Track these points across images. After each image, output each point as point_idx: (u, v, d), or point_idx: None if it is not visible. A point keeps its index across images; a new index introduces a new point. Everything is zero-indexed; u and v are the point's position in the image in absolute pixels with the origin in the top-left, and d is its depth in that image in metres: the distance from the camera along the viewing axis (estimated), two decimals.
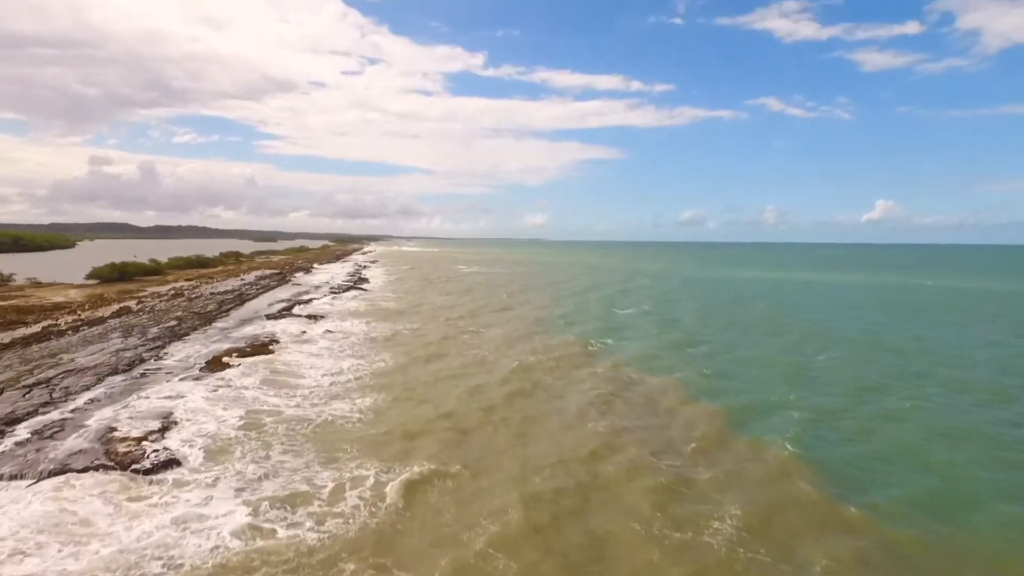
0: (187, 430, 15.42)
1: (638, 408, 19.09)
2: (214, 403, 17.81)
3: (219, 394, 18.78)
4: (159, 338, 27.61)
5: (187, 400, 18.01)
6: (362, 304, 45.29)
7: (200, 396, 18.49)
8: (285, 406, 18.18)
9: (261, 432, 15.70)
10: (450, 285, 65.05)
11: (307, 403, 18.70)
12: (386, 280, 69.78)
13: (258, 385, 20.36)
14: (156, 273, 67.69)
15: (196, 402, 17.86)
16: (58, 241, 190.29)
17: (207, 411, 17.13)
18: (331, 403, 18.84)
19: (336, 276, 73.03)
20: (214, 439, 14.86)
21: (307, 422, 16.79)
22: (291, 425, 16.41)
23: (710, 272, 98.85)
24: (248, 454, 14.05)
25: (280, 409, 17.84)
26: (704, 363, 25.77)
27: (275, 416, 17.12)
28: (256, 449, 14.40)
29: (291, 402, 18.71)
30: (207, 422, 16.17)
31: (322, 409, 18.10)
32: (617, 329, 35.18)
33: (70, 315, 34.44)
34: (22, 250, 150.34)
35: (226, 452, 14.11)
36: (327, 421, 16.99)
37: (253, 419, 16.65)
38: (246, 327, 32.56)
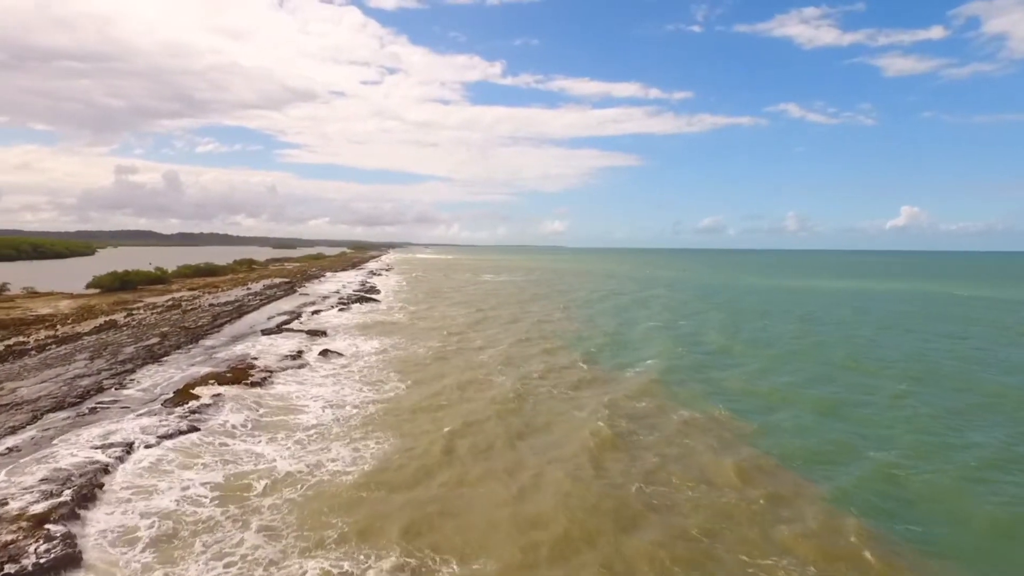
0: (114, 504, 11.74)
1: (659, 458, 15.04)
2: (163, 457, 14.13)
3: (175, 443, 15.09)
4: (132, 359, 24.14)
5: (130, 450, 14.36)
6: (369, 317, 41.69)
7: (149, 441, 14.84)
8: (260, 458, 14.46)
9: (225, 502, 11.97)
10: (462, 295, 61.29)
11: (287, 452, 14.96)
12: (397, 289, 66.24)
13: (229, 426, 16.70)
14: (160, 282, 64.89)
15: (141, 454, 14.20)
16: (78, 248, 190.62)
17: (152, 467, 13.46)
18: (316, 451, 15.06)
19: (347, 285, 69.73)
20: (153, 520, 11.15)
21: (290, 482, 13.05)
22: (267, 488, 12.65)
23: (732, 280, 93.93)
24: (206, 550, 10.22)
25: (252, 463, 14.11)
26: (736, 394, 21.73)
27: (248, 473, 13.40)
28: (214, 538, 10.59)
29: (267, 451, 14.98)
30: (148, 487, 12.48)
31: (307, 461, 14.34)
32: (633, 347, 31.20)
33: (47, 330, 31.27)
34: (42, 257, 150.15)
35: (170, 545, 10.35)
36: (312, 481, 13.21)
37: (218, 481, 12.94)
38: (236, 345, 29.06)
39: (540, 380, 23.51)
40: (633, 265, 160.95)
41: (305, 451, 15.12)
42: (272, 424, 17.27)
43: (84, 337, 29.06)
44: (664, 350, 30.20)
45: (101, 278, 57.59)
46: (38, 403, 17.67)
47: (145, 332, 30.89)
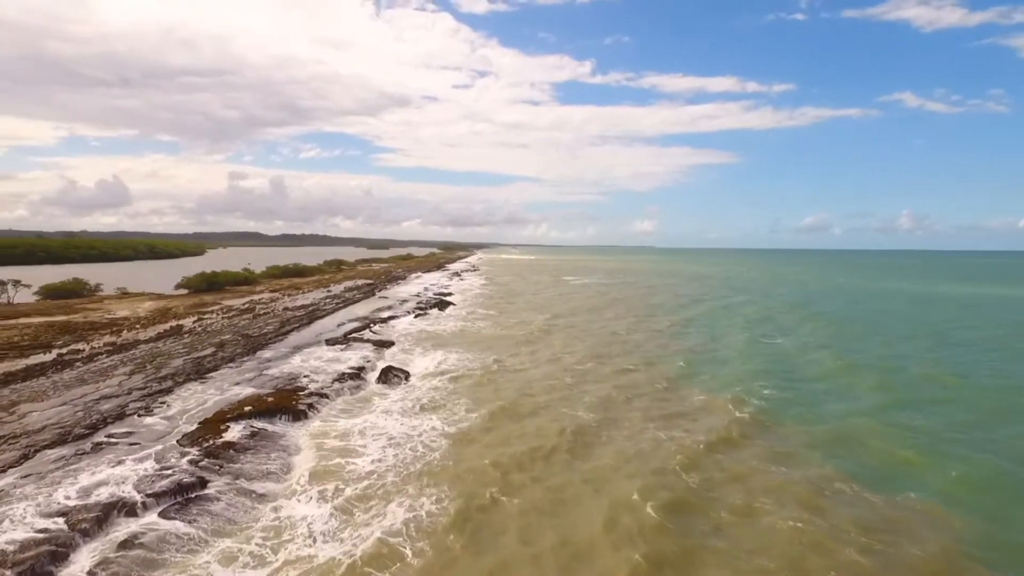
0: None
1: None
2: (149, 529, 10.65)
3: (171, 505, 11.63)
4: (175, 375, 21.50)
5: (106, 517, 11.00)
6: (443, 324, 38.13)
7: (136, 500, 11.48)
8: (284, 530, 10.71)
9: None
10: (542, 299, 56.77)
11: (324, 522, 11.19)
12: (478, 293, 62.70)
13: (250, 475, 13.14)
14: (247, 283, 64.99)
15: (118, 526, 10.80)
16: (190, 249, 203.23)
17: (123, 551, 9.97)
18: (366, 519, 11.14)
19: (429, 288, 67.16)
20: None
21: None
22: None
23: (840, 284, 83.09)
24: None
25: (271, 540, 10.38)
26: (864, 448, 15.89)
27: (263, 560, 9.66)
28: None
29: (297, 515, 11.23)
30: None
31: (352, 539, 10.44)
32: (724, 369, 25.54)
33: (112, 335, 29.83)
34: (156, 257, 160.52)
35: None
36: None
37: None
38: (294, 357, 26.12)
39: (612, 412, 18.67)
40: (726, 266, 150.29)
41: (350, 520, 11.28)
42: (310, 474, 13.57)
43: (140, 345, 27.13)
44: (761, 371, 24.53)
45: (191, 279, 57.95)
46: (40, 434, 14.91)
47: (204, 340, 28.71)
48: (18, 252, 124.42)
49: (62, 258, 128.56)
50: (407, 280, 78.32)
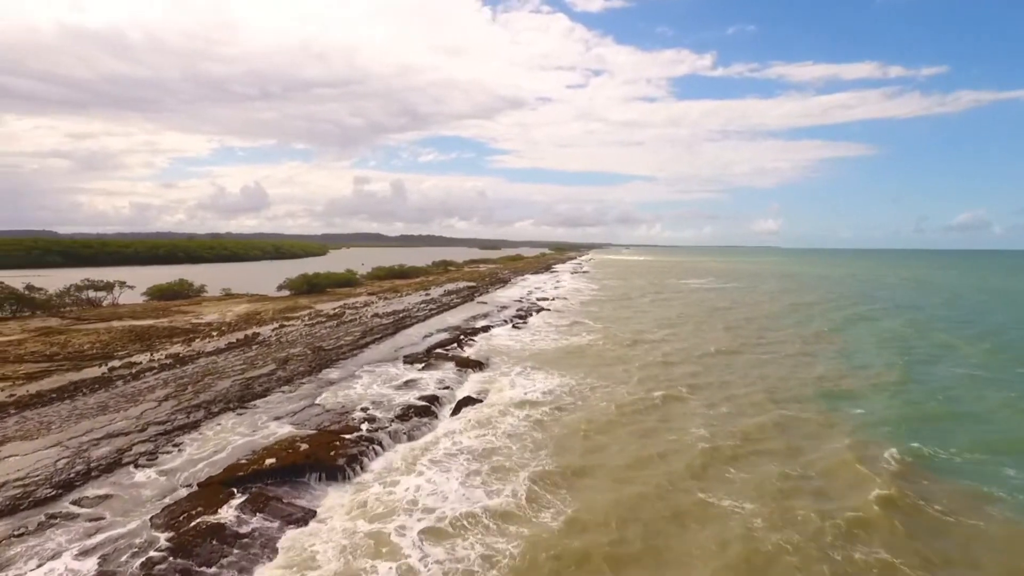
0: None
1: None
2: None
3: None
4: (211, 403, 17.88)
5: None
6: (548, 337, 32.82)
7: None
8: None
9: None
10: (660, 307, 49.70)
11: None
12: (589, 298, 56.65)
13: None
14: (348, 285, 63.50)
15: None
16: (313, 249, 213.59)
17: None
18: None
19: (534, 291, 62.25)
20: None
21: None
22: None
23: (1018, 294, 67.83)
24: None
25: None
26: None
27: None
28: None
29: None
30: None
31: None
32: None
33: (182, 344, 27.42)
34: (282, 257, 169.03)
35: None
36: None
37: None
38: (361, 380, 21.98)
39: (768, 494, 12.30)
40: (863, 269, 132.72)
41: None
42: None
43: (200, 359, 24.18)
44: (915, 418, 17.02)
45: (293, 281, 57.03)
46: None
47: (270, 354, 25.39)
48: (161, 253, 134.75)
49: (198, 258, 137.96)
50: (511, 283, 73.98)
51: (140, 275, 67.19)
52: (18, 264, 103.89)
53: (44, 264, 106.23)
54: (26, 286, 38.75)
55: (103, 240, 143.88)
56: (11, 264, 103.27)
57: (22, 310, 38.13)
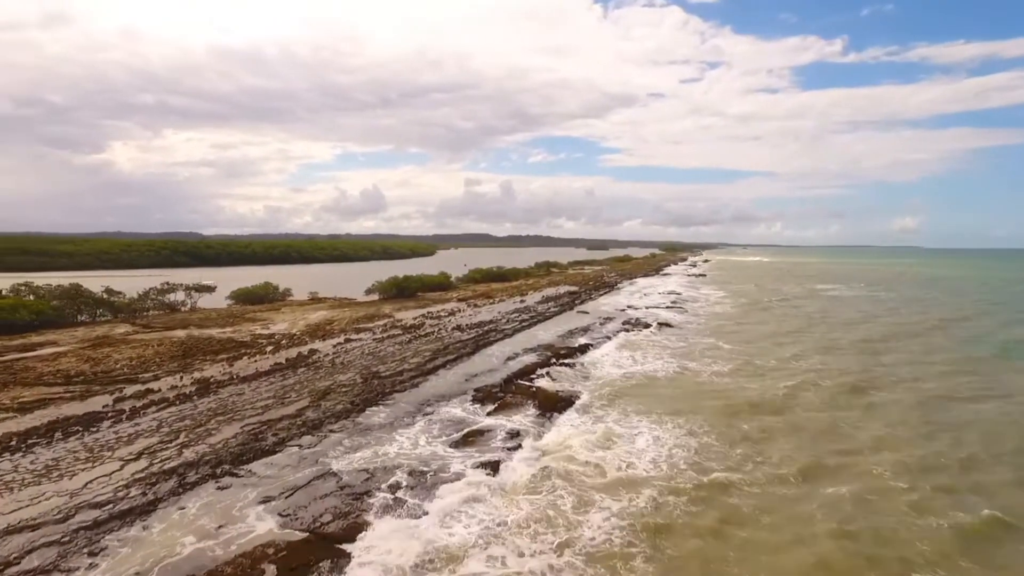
0: None
1: None
2: None
3: None
4: (195, 465, 13.08)
5: None
6: (661, 363, 25.93)
7: None
8: None
9: None
10: (801, 321, 40.57)
11: None
12: (712, 309, 48.25)
13: None
14: (441, 288, 59.32)
15: None
16: (421, 249, 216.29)
17: None
18: None
19: (645, 298, 54.78)
20: None
21: None
22: None
23: None
24: None
25: None
26: None
27: None
28: None
29: None
30: None
31: None
32: None
33: (226, 363, 23.46)
34: (390, 258, 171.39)
35: None
36: None
37: None
38: (408, 430, 16.52)
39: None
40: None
41: None
42: None
43: (228, 387, 19.82)
44: None
45: (382, 284, 53.48)
46: None
47: (313, 382, 20.63)
48: (276, 253, 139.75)
49: (311, 259, 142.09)
50: (618, 288, 66.70)
51: (246, 275, 67.22)
52: (150, 264, 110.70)
53: (172, 264, 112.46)
54: (104, 289, 37.33)
55: (224, 241, 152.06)
56: (144, 264, 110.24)
57: (102, 314, 36.73)
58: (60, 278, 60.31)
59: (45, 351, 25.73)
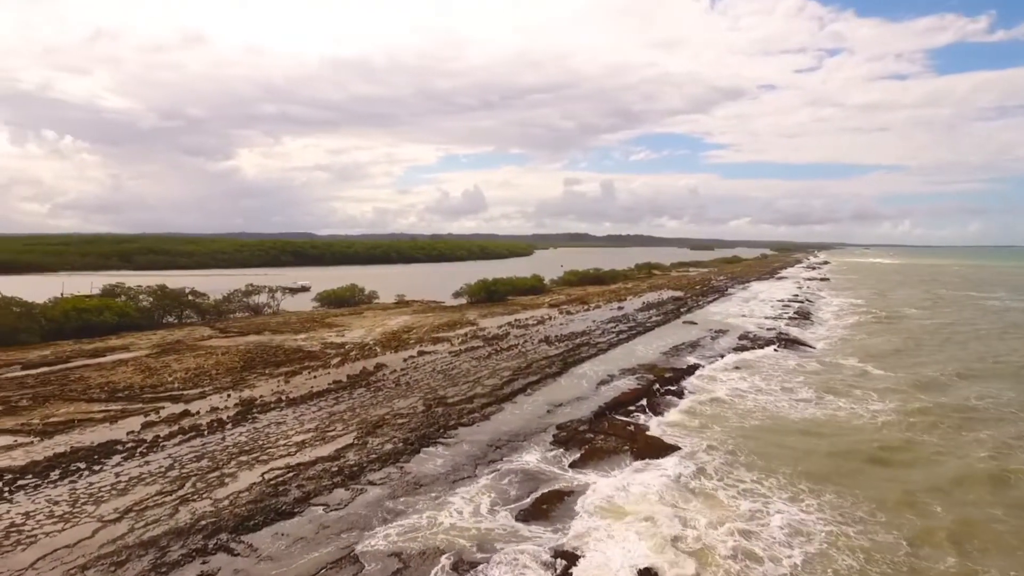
0: None
1: None
2: None
3: None
4: (182, 535, 10.14)
5: None
6: (804, 396, 20.76)
7: None
8: None
9: None
10: (982, 341, 33.03)
11: None
12: (848, 317, 41.05)
13: None
14: (533, 291, 55.71)
15: None
16: (518, 250, 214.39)
17: None
18: None
19: (762, 305, 48.34)
20: None
21: None
22: None
23: None
24: None
25: None
26: None
27: None
28: None
29: None
30: None
31: None
32: None
33: (281, 380, 21.06)
34: (487, 257, 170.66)
35: None
36: None
37: None
38: (457, 491, 12.92)
39: None
40: None
41: None
42: None
43: (271, 412, 17.14)
44: None
45: (472, 287, 50.66)
46: None
47: (368, 408, 17.55)
48: (378, 253, 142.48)
49: (410, 258, 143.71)
50: (729, 293, 60.15)
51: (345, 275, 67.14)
52: (260, 263, 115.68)
53: (279, 264, 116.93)
54: (189, 291, 36.86)
55: (328, 241, 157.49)
56: (255, 263, 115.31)
57: (187, 316, 36.29)
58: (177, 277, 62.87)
59: (111, 358, 24.62)
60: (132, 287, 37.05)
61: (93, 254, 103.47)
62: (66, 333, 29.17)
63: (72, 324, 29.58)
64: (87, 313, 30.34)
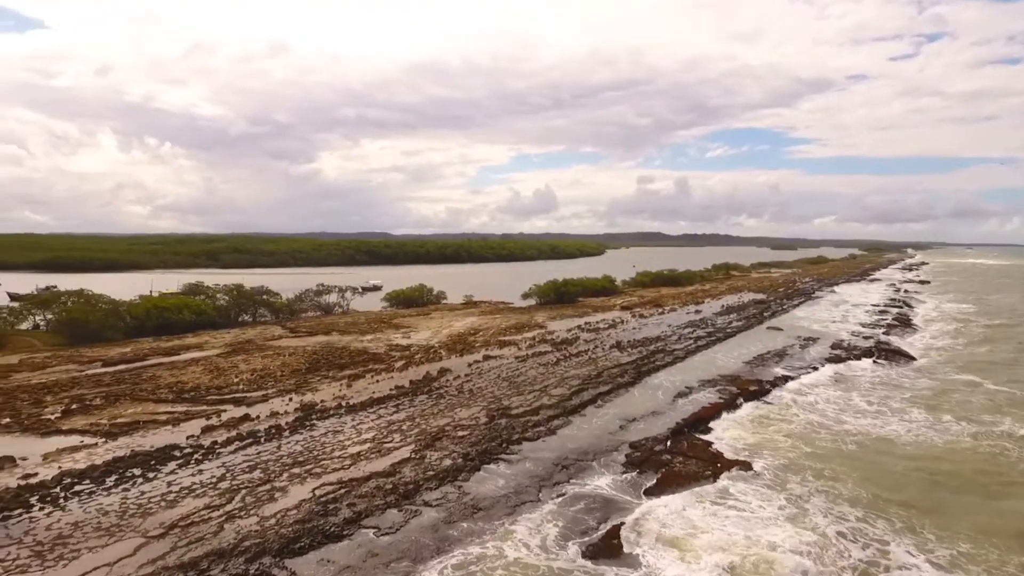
0: None
1: None
2: None
3: None
4: (221, 557, 9.41)
5: None
6: (912, 415, 18.35)
7: None
8: None
9: None
10: None
11: None
12: (958, 327, 36.87)
13: None
14: (604, 293, 53.90)
15: None
16: (589, 249, 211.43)
17: None
18: None
19: (855, 310, 44.54)
20: None
21: None
22: None
23: None
24: None
25: None
26: None
27: None
28: None
29: None
30: None
31: None
32: None
33: (344, 383, 20.60)
34: (556, 257, 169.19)
35: None
36: None
37: None
38: (518, 522, 11.74)
39: None
40: None
41: None
42: None
43: (330, 419, 16.56)
44: None
45: (541, 287, 49.47)
46: None
47: (430, 417, 16.69)
48: (448, 252, 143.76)
49: (480, 258, 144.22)
50: (816, 296, 56.12)
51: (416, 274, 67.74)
52: (336, 262, 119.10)
53: (354, 263, 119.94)
54: (263, 291, 37.57)
55: (401, 241, 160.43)
56: (331, 262, 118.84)
57: (261, 315, 37.01)
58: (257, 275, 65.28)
59: (185, 356, 25.06)
60: (210, 286, 38.17)
61: (184, 253, 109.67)
62: (147, 331, 30.19)
63: (153, 322, 30.58)
64: (167, 312, 31.31)
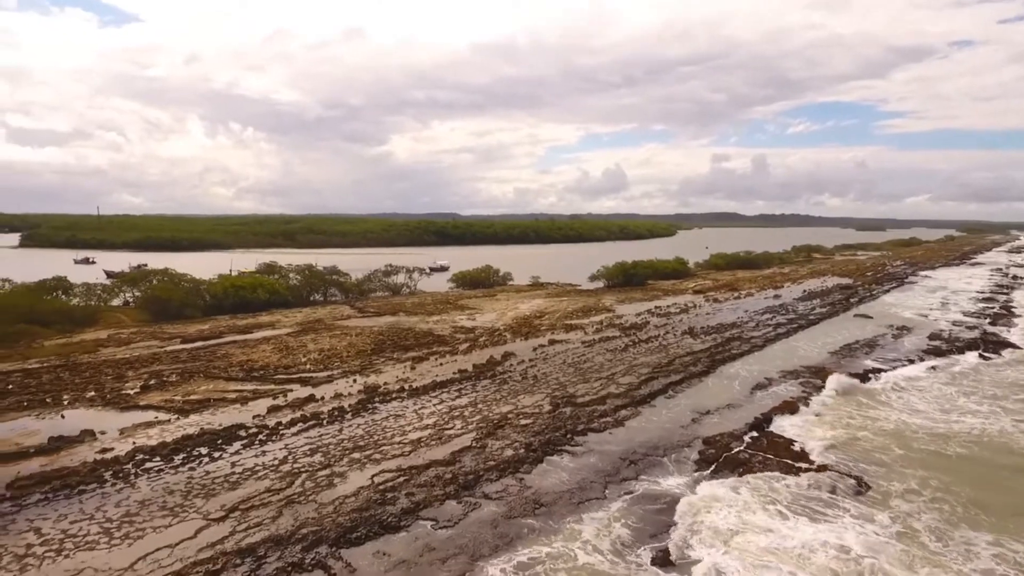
0: None
1: None
2: None
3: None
4: (275, 546, 9.40)
5: None
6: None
7: None
8: None
9: None
10: None
11: None
12: None
13: None
14: (676, 276, 51.96)
15: None
16: (659, 230, 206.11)
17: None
18: None
19: (955, 296, 40.89)
20: None
21: None
22: None
23: None
24: None
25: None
26: None
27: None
28: None
29: None
30: None
31: None
32: None
33: (408, 364, 20.47)
34: (626, 238, 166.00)
35: None
36: None
37: None
38: (584, 522, 11.05)
39: None
40: None
41: None
42: None
43: (392, 402, 16.39)
44: None
45: (609, 270, 48.29)
46: None
47: (492, 403, 16.23)
48: (515, 233, 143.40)
49: (547, 238, 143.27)
50: (909, 282, 52.04)
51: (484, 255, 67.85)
52: (405, 242, 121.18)
53: (422, 243, 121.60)
54: (333, 271, 38.25)
55: (469, 221, 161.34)
56: (400, 242, 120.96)
57: (332, 294, 37.74)
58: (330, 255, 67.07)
59: (257, 335, 25.72)
60: (284, 266, 39.22)
61: (262, 233, 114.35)
62: (225, 309, 31.30)
63: (230, 300, 31.66)
64: (243, 291, 32.35)
